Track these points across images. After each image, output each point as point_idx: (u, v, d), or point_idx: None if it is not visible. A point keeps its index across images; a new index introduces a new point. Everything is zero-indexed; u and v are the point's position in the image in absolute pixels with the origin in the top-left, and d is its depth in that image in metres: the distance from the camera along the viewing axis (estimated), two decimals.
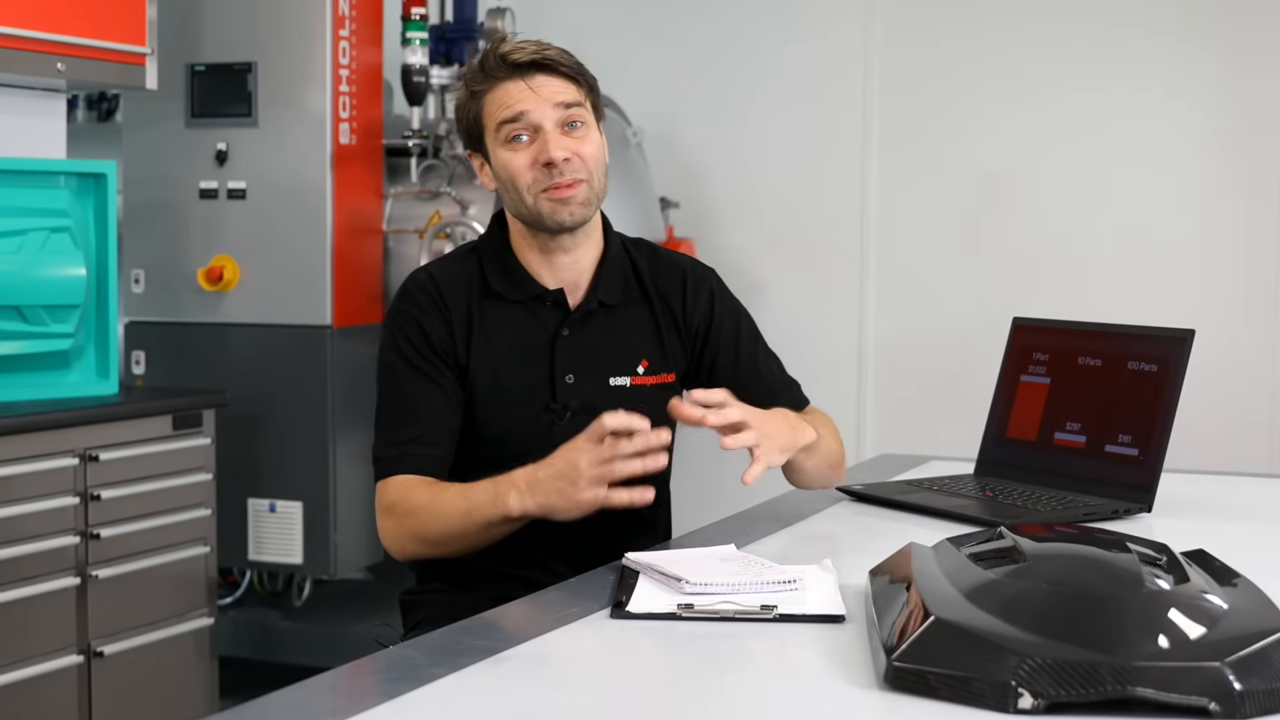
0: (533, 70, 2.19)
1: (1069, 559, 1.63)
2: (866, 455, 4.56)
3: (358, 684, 1.58)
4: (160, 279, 4.29)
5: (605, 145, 2.27)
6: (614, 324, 2.29)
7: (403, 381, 2.23)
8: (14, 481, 3.18)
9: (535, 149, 2.19)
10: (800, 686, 1.52)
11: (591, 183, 2.21)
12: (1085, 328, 2.66)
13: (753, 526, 2.26)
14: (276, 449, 4.18)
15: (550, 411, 2.23)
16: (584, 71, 2.24)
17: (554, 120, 2.19)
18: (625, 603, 1.76)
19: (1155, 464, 2.40)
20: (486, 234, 2.34)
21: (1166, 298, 4.51)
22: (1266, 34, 4.51)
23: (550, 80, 2.19)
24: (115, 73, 3.64)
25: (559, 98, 2.19)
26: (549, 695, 1.49)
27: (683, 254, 2.42)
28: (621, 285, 2.31)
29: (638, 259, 2.35)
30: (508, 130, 2.20)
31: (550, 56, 2.20)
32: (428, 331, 2.23)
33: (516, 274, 2.27)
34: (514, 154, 2.20)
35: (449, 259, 2.36)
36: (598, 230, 2.31)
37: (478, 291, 2.27)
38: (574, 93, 2.20)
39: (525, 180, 2.20)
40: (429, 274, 2.30)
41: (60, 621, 3.29)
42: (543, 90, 2.19)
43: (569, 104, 2.19)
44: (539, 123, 2.19)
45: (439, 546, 2.16)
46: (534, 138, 2.19)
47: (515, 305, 2.27)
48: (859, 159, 4.94)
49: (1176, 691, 1.36)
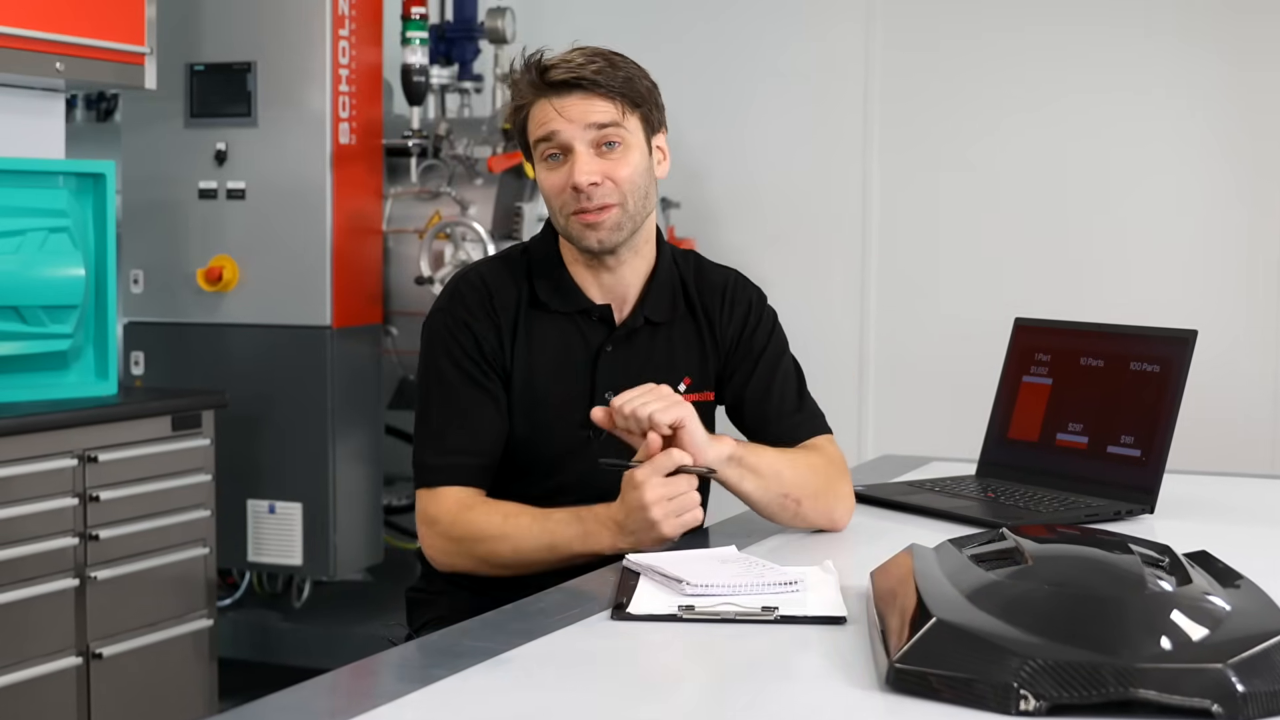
0: (567, 89, 2.13)
1: (1071, 560, 1.63)
2: (868, 456, 4.56)
3: (358, 686, 1.58)
4: (159, 279, 4.28)
5: (650, 163, 2.21)
6: (658, 341, 2.27)
7: (454, 388, 2.19)
8: (13, 482, 3.17)
9: (567, 170, 2.15)
10: (801, 688, 1.51)
11: (625, 206, 2.16)
12: (1087, 328, 2.65)
13: (754, 528, 2.25)
14: (276, 450, 4.17)
15: (586, 427, 2.18)
16: (632, 87, 2.16)
17: (586, 141, 2.14)
18: (626, 604, 1.76)
19: (1157, 465, 2.40)
20: (540, 239, 2.30)
21: (1168, 298, 4.51)
22: (1268, 35, 4.51)
23: (586, 100, 2.13)
24: (114, 72, 3.63)
25: (592, 118, 2.13)
26: (549, 697, 1.48)
27: (730, 269, 2.39)
28: (669, 302, 2.28)
29: (685, 273, 2.32)
30: (543, 149, 2.17)
31: (587, 75, 2.13)
32: (479, 338, 2.20)
33: (565, 286, 2.24)
34: (549, 173, 2.17)
35: (499, 260, 2.31)
36: (648, 245, 2.27)
37: (526, 300, 2.24)
38: (611, 112, 2.14)
39: (557, 202, 2.18)
40: (480, 277, 2.25)
41: (59, 623, 3.29)
42: (574, 111, 2.13)
43: (603, 124, 2.14)
44: (570, 144, 2.14)
45: (508, 569, 2.13)
46: (567, 158, 2.15)
47: (562, 317, 2.24)
48: (860, 159, 4.93)
49: (1179, 693, 1.35)
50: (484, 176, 4.35)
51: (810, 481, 2.17)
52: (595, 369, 2.23)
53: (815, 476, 2.19)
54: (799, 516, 2.18)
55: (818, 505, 2.18)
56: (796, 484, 2.15)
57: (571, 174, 2.13)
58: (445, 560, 2.18)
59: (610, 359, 2.24)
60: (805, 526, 2.21)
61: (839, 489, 2.22)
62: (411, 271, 4.30)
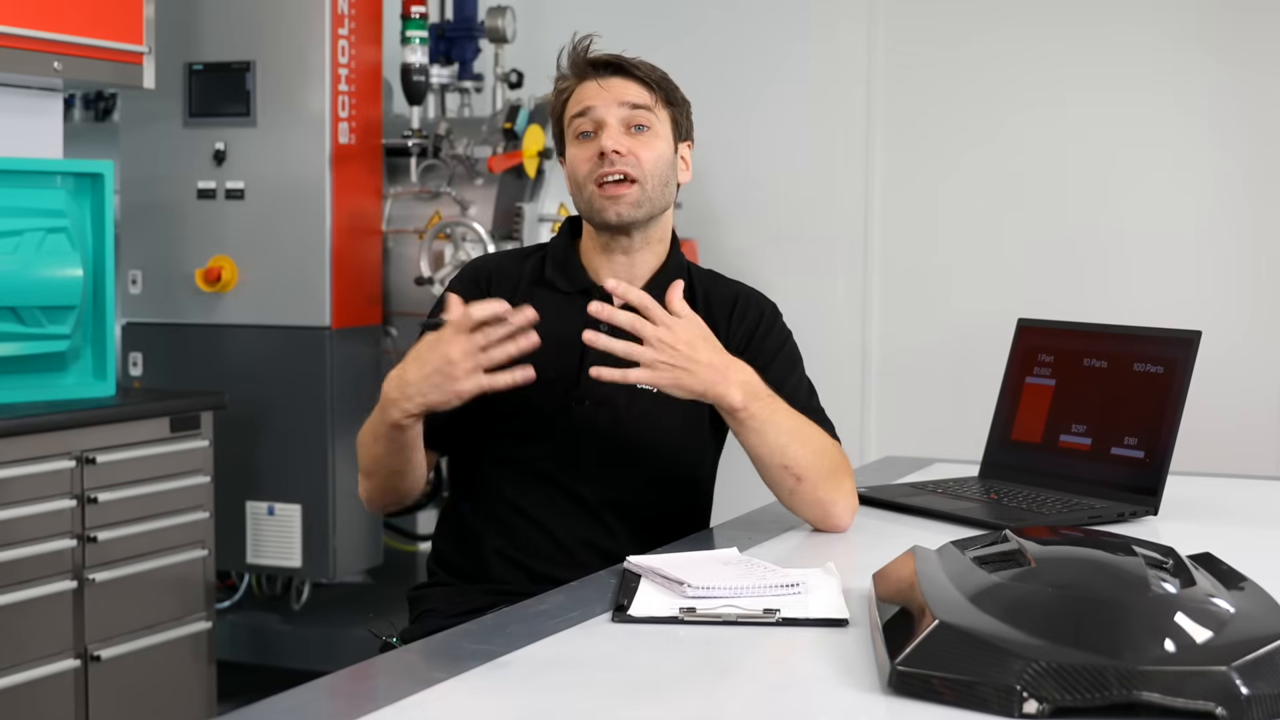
0: (607, 71, 2.27)
1: (1074, 562, 1.63)
2: (870, 458, 4.55)
3: (357, 688, 1.58)
4: (158, 280, 4.28)
5: (674, 160, 2.32)
6: None
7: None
8: (10, 484, 3.16)
9: (596, 144, 2.25)
10: (803, 691, 1.51)
11: (645, 186, 2.25)
12: (1091, 329, 2.64)
13: (755, 529, 2.25)
14: (275, 451, 4.17)
15: (570, 397, 2.26)
16: (669, 86, 2.31)
17: (618, 117, 2.25)
18: (627, 606, 1.75)
19: (1161, 466, 2.39)
20: (557, 234, 2.40)
21: (1172, 298, 4.50)
22: (1273, 35, 4.50)
23: (622, 81, 2.27)
24: (112, 72, 3.63)
25: (627, 97, 2.25)
26: (550, 699, 1.48)
27: (744, 284, 2.44)
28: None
29: (697, 280, 2.38)
30: (576, 125, 2.28)
31: (628, 60, 2.28)
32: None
33: (570, 266, 2.33)
34: (578, 148, 2.27)
35: (517, 251, 2.43)
36: (662, 243, 2.35)
37: (529, 279, 2.33)
38: (644, 96, 2.27)
39: (581, 173, 2.25)
40: (486, 259, 2.41)
41: (57, 625, 3.28)
42: (612, 88, 2.26)
43: (636, 105, 2.25)
44: (603, 118, 2.25)
45: (370, 476, 2.24)
46: (598, 136, 2.25)
47: (563, 296, 2.31)
48: (862, 159, 4.92)
49: (1183, 696, 1.35)
50: (484, 176, 4.34)
51: (816, 463, 2.17)
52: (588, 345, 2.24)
53: (821, 461, 2.18)
54: (795, 494, 2.18)
55: (816, 490, 2.17)
56: (801, 459, 2.15)
57: (599, 144, 2.23)
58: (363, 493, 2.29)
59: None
60: (804, 512, 2.21)
61: (841, 483, 2.22)
62: (411, 272, 4.30)
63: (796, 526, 2.28)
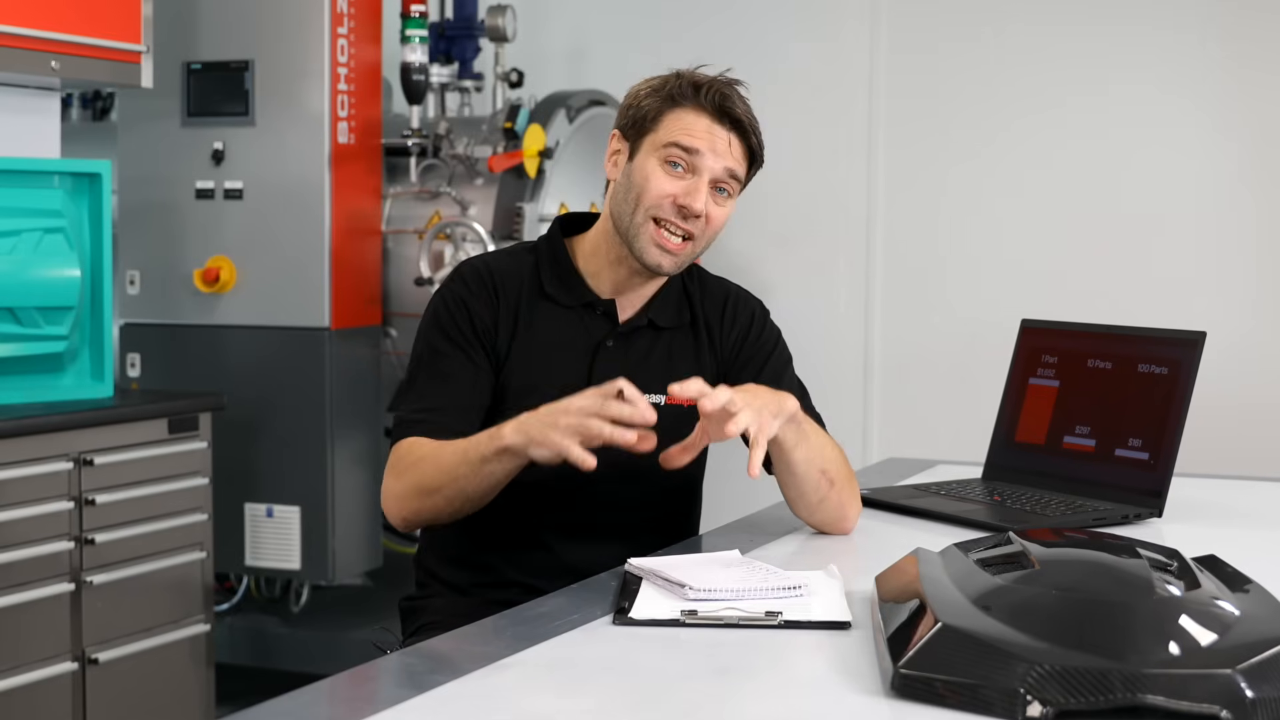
0: (731, 123, 2.23)
1: (1078, 565, 1.62)
2: (873, 459, 4.54)
3: (356, 691, 1.57)
4: (156, 280, 4.27)
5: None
6: (659, 344, 2.31)
7: (441, 355, 2.23)
8: (7, 486, 3.16)
9: (681, 186, 2.20)
10: (805, 694, 1.50)
11: (697, 245, 2.24)
12: (1095, 330, 2.64)
13: (757, 531, 2.25)
14: (274, 453, 4.16)
15: None
16: (761, 152, 2.29)
17: (713, 175, 2.21)
18: (628, 609, 1.75)
19: (1166, 468, 2.39)
20: (546, 237, 2.35)
21: (1176, 299, 4.49)
22: (1277, 35, 4.49)
23: (735, 140, 2.23)
24: (110, 71, 3.62)
25: (731, 161, 2.22)
26: (550, 703, 1.47)
27: (730, 281, 2.43)
28: (675, 310, 2.33)
29: (690, 284, 2.36)
30: (673, 153, 2.21)
31: (749, 124, 2.24)
32: (473, 313, 2.24)
33: (571, 280, 2.29)
34: (659, 171, 2.21)
35: (504, 253, 2.37)
36: None
37: (530, 289, 2.28)
38: (743, 166, 2.25)
39: (651, 200, 2.20)
40: (484, 262, 2.32)
41: (54, 628, 3.27)
42: (724, 146, 2.22)
43: (733, 174, 2.23)
44: (702, 170, 2.21)
45: (435, 495, 2.12)
46: (688, 174, 2.21)
47: (565, 310, 2.28)
48: (865, 161, 4.91)
49: (1187, 699, 1.34)
50: (484, 176, 4.33)
51: (842, 467, 2.22)
52: (594, 361, 2.26)
53: (844, 465, 2.23)
54: (825, 501, 2.20)
55: (841, 494, 2.21)
56: (834, 462, 2.19)
57: (687, 193, 2.19)
58: (394, 505, 2.18)
59: (610, 354, 2.27)
60: (823, 517, 2.23)
61: (855, 485, 2.27)
62: (411, 272, 4.29)
63: (798, 529, 2.28)
